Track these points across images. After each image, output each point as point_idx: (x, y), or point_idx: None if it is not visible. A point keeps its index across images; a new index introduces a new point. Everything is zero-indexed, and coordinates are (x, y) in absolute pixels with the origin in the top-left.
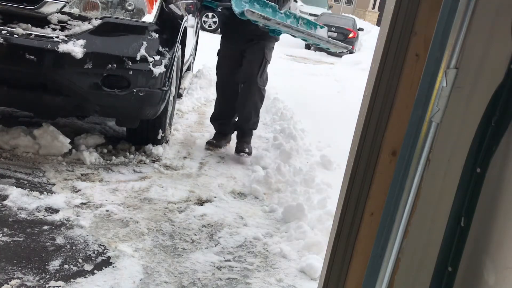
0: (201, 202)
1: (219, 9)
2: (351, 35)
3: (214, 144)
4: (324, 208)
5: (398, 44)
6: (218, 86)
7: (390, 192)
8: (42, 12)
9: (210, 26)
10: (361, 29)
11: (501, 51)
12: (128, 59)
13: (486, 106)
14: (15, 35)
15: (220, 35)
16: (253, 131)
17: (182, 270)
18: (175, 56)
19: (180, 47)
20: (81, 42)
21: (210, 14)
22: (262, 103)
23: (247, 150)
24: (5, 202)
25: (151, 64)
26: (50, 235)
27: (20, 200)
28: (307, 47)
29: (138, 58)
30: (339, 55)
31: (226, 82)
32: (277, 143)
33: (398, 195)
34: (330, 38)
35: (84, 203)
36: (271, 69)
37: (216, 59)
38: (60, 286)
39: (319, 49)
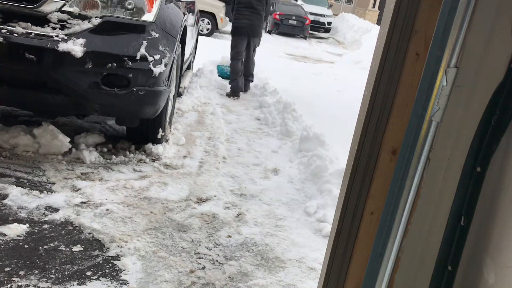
0: (200, 201)
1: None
2: (307, 22)
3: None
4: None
5: (398, 43)
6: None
7: (390, 191)
8: (42, 11)
9: (201, 30)
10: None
11: (501, 50)
12: (128, 58)
13: (486, 105)
14: (14, 34)
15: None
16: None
17: (182, 269)
18: (175, 55)
19: (180, 46)
20: (81, 41)
21: (206, 20)
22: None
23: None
24: (5, 201)
25: (151, 63)
26: (50, 234)
27: (20, 199)
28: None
29: (138, 57)
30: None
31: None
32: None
33: (398, 194)
34: None
35: (84, 202)
36: (271, 67)
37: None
38: (60, 285)
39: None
